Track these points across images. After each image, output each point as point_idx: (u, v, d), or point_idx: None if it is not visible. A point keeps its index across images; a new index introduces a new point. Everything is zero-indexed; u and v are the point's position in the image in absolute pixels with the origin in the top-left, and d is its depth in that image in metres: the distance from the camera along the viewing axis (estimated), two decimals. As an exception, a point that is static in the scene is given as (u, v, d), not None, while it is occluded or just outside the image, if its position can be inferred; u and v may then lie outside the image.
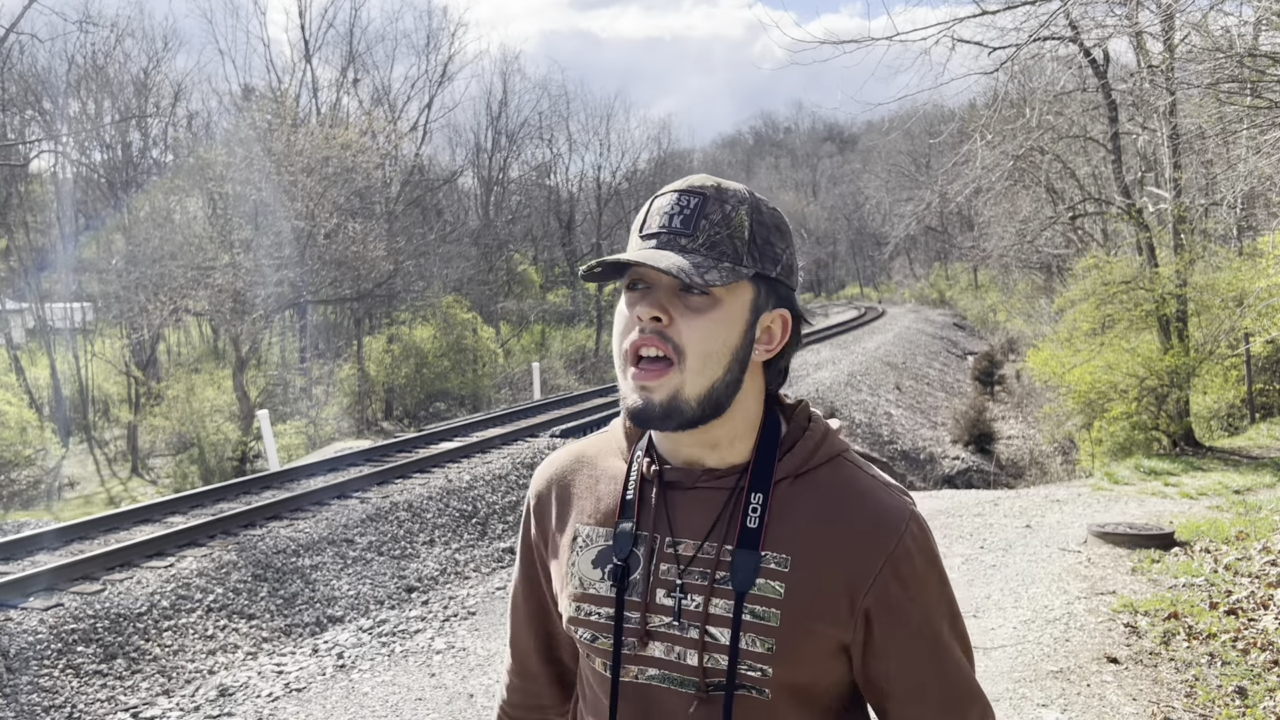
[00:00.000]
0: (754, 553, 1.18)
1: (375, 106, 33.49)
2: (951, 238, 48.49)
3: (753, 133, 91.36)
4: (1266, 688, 4.45)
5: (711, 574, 1.19)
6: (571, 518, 1.33)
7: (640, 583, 1.23)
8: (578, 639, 1.28)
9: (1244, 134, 10.15)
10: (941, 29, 9.54)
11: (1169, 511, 8.94)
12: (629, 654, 1.23)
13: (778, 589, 1.17)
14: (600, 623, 1.25)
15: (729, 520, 1.20)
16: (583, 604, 1.27)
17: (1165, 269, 15.03)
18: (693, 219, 1.17)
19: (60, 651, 6.82)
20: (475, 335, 28.38)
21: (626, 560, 1.24)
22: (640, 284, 1.19)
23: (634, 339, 1.17)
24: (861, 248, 67.48)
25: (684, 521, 1.22)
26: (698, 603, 1.19)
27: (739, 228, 1.17)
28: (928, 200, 24.66)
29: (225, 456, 20.23)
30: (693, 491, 1.23)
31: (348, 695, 5.84)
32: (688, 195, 1.19)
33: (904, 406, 24.08)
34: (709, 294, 1.15)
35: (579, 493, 1.34)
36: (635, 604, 1.23)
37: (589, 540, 1.29)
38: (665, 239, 1.17)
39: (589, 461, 1.36)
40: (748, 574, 1.17)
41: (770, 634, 1.16)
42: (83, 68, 28.38)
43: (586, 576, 1.27)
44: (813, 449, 1.23)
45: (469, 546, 10.17)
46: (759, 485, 1.20)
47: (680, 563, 1.21)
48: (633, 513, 1.25)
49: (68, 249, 27.50)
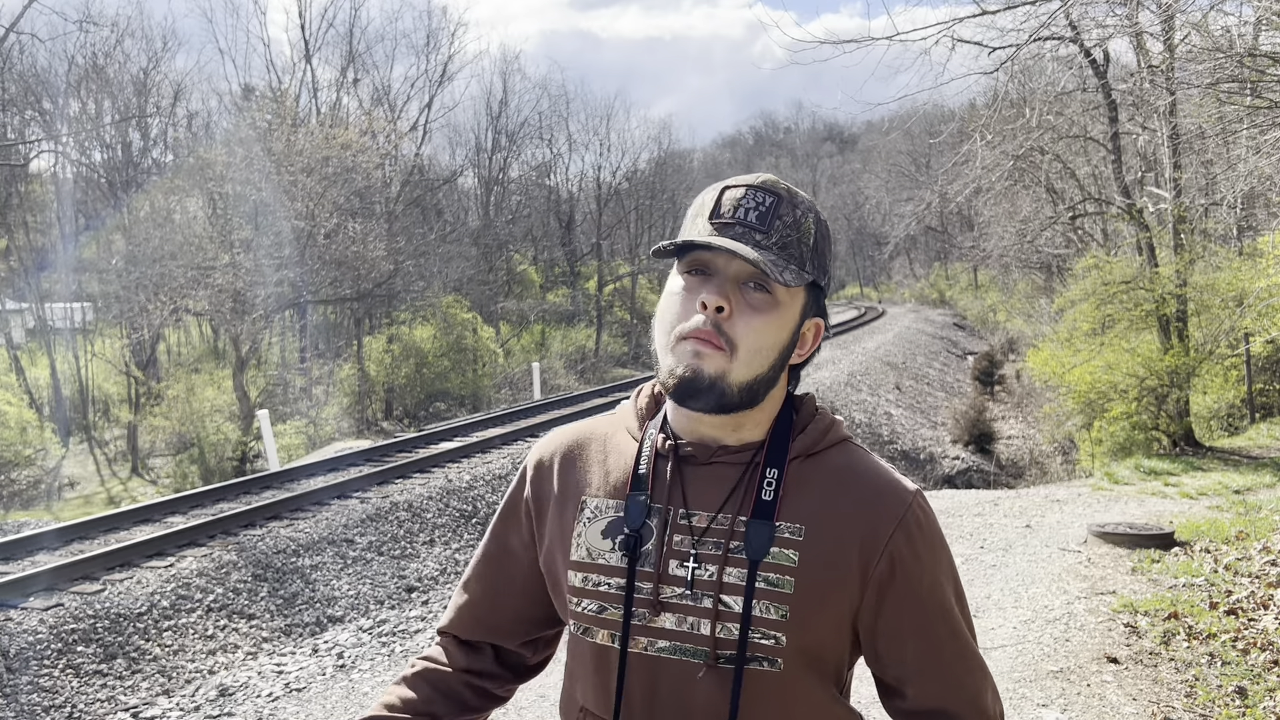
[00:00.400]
0: (768, 523, 1.20)
1: (375, 106, 33.48)
2: (951, 238, 48.48)
3: (753, 133, 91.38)
4: (1266, 688, 4.45)
5: (726, 543, 1.20)
6: (577, 489, 1.31)
7: (653, 553, 1.23)
8: (580, 611, 1.26)
9: (1244, 134, 10.15)
10: (941, 29, 9.54)
11: (1169, 511, 8.94)
12: (639, 625, 1.22)
13: (792, 557, 1.19)
14: (609, 593, 1.24)
15: (744, 493, 1.22)
16: (590, 574, 1.25)
17: (1165, 269, 15.03)
18: (768, 217, 1.19)
19: (60, 651, 6.82)
20: (475, 335, 28.37)
21: (639, 531, 1.23)
22: (701, 269, 1.20)
23: (691, 327, 1.17)
24: (861, 248, 67.46)
25: (698, 495, 1.24)
26: (711, 572, 1.20)
27: (806, 233, 1.21)
28: (928, 200, 24.65)
29: (225, 456, 20.22)
30: (708, 467, 1.25)
31: (348, 695, 5.84)
32: (762, 193, 1.20)
33: (904, 406, 24.07)
34: (771, 293, 1.18)
35: (586, 465, 1.33)
36: (647, 574, 1.22)
37: (598, 511, 1.28)
38: (740, 231, 1.18)
39: (597, 437, 1.36)
40: (762, 542, 1.19)
41: (784, 600, 1.18)
42: (83, 68, 28.37)
43: (595, 547, 1.26)
44: (824, 431, 1.27)
45: (469, 546, 10.17)
46: (774, 461, 1.23)
47: (694, 533, 1.22)
48: (646, 486, 1.25)
49: (68, 249, 27.50)
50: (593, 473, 1.32)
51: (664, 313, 1.22)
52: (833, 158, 75.64)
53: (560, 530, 1.31)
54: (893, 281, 63.76)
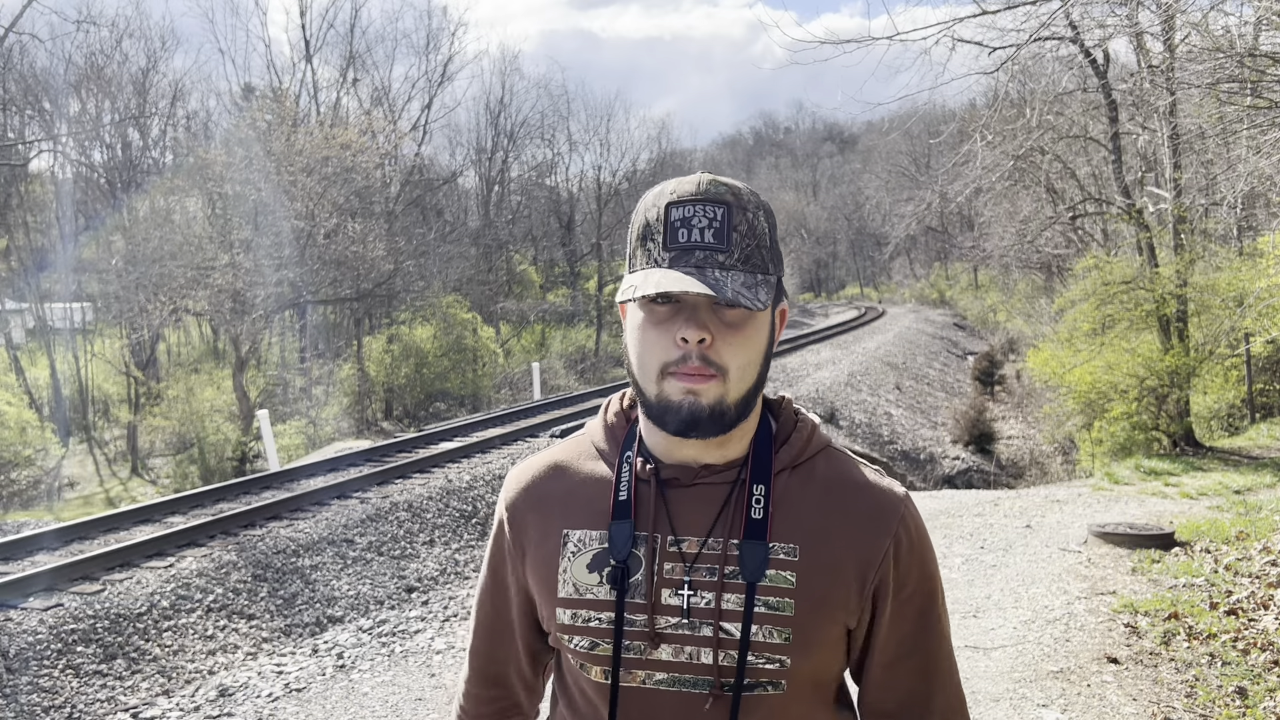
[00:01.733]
0: (762, 543, 1.17)
1: (375, 106, 33.49)
2: (951, 238, 48.49)
3: (753, 133, 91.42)
4: (1267, 688, 4.45)
5: (720, 568, 1.17)
6: (556, 524, 1.26)
7: (643, 584, 1.18)
8: (572, 648, 1.22)
9: (1244, 134, 10.15)
10: (941, 29, 9.52)
11: (1169, 511, 8.94)
12: (635, 659, 1.18)
13: (789, 578, 1.17)
14: (600, 628, 1.20)
15: (732, 514, 1.19)
16: (579, 610, 1.21)
17: (1165, 269, 15.03)
18: (724, 232, 1.13)
19: (60, 651, 6.82)
20: (475, 335, 28.37)
21: (626, 561, 1.19)
22: (667, 299, 1.14)
23: (677, 363, 1.13)
24: (861, 248, 67.46)
25: (685, 519, 1.20)
26: (708, 599, 1.16)
27: (763, 235, 1.16)
28: (928, 200, 24.67)
29: (225, 457, 20.22)
30: (692, 489, 1.21)
31: (348, 695, 5.84)
32: (711, 205, 1.14)
33: (904, 406, 24.07)
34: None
35: (561, 498, 1.27)
36: (639, 606, 1.18)
37: (581, 544, 1.23)
38: (701, 257, 1.12)
39: (566, 466, 1.30)
40: (758, 565, 1.16)
41: (786, 624, 1.16)
42: (82, 68, 28.37)
43: (582, 581, 1.21)
44: (806, 440, 1.25)
45: (469, 546, 10.17)
46: (760, 477, 1.20)
47: (685, 560, 1.18)
48: (628, 512, 1.20)
49: (67, 249, 27.50)
50: (570, 504, 1.26)
51: (640, 347, 1.16)
52: (833, 158, 75.66)
53: (544, 568, 1.25)
54: (893, 281, 63.74)
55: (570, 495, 1.27)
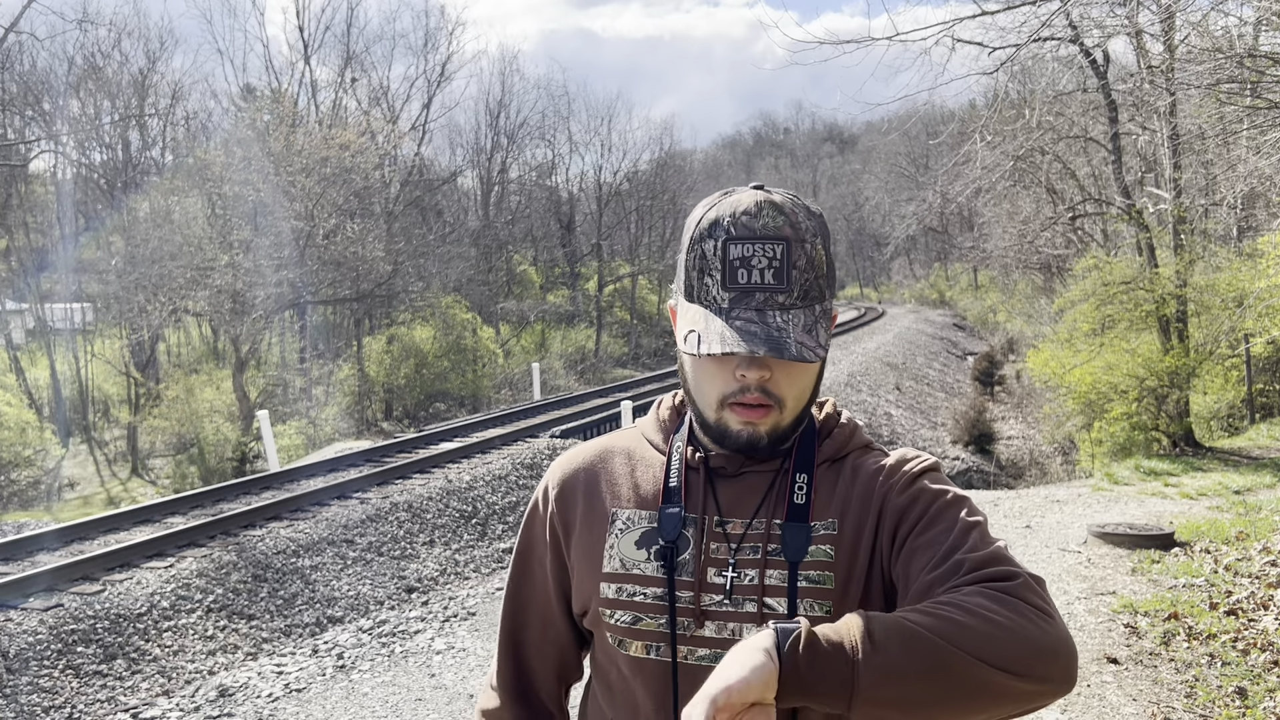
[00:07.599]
0: (804, 524, 1.21)
1: (374, 107, 33.47)
2: (951, 238, 48.50)
3: (753, 133, 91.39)
4: (1266, 688, 4.45)
5: (763, 547, 1.21)
6: (605, 503, 1.30)
7: (691, 562, 1.22)
8: (612, 624, 1.25)
9: (1244, 134, 10.16)
10: (942, 29, 9.54)
11: (1169, 512, 8.94)
12: (680, 634, 1.22)
13: (828, 552, 1.20)
14: (645, 603, 1.23)
15: (776, 499, 1.23)
16: (625, 584, 1.24)
17: (1165, 269, 15.03)
18: (784, 271, 1.15)
19: (60, 652, 6.82)
20: (475, 335, 28.38)
21: (675, 541, 1.23)
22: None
23: (734, 394, 1.18)
24: (861, 248, 67.47)
25: (731, 503, 1.25)
26: (751, 576, 1.20)
27: (820, 264, 1.18)
28: (928, 201, 24.65)
29: (225, 457, 20.23)
30: (739, 477, 1.26)
31: (348, 696, 5.84)
32: (770, 244, 1.15)
33: (904, 407, 24.07)
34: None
35: (612, 480, 1.32)
36: (686, 583, 1.22)
37: (630, 523, 1.27)
38: (762, 299, 1.14)
39: (619, 452, 1.35)
40: (800, 544, 1.20)
41: (826, 596, 1.19)
42: (81, 68, 28.38)
43: (629, 558, 1.25)
44: (848, 437, 1.30)
45: (469, 547, 10.17)
46: (803, 467, 1.24)
47: (730, 540, 1.23)
48: (678, 497, 1.26)
49: (67, 249, 27.50)
50: (620, 486, 1.31)
51: (698, 375, 1.22)
52: (833, 158, 75.66)
53: (590, 544, 1.29)
54: (893, 282, 63.77)
55: (620, 478, 1.32)
